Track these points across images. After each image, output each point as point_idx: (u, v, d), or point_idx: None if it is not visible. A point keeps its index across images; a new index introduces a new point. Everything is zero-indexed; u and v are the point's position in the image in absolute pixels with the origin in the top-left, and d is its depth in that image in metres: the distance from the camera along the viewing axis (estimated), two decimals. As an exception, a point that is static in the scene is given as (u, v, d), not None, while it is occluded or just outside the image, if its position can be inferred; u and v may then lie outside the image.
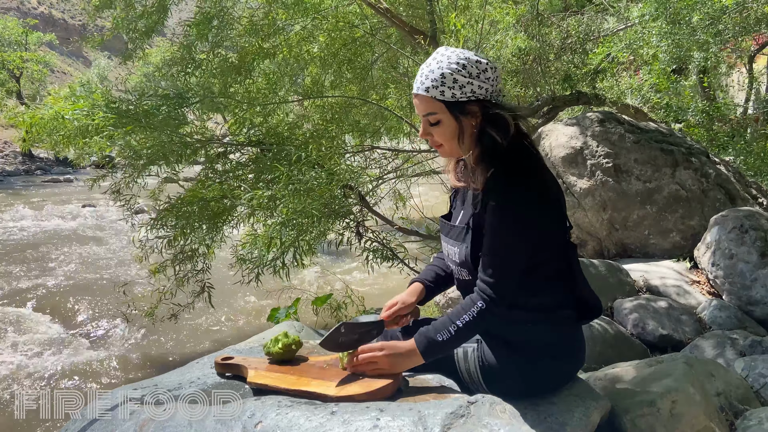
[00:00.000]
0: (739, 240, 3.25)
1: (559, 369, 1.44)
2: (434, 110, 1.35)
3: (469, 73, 1.31)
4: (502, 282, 1.31)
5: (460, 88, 1.31)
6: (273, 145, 4.14)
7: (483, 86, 1.33)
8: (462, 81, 1.31)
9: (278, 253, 3.60)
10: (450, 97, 1.32)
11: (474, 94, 1.32)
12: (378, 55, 6.51)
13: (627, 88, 8.11)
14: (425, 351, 1.36)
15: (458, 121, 1.34)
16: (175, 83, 5.31)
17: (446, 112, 1.34)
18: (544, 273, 1.37)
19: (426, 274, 1.63)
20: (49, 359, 4.96)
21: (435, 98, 1.33)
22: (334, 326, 1.44)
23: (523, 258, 1.32)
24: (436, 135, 1.38)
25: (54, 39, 27.99)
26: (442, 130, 1.37)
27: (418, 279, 1.61)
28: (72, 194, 15.10)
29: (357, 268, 7.26)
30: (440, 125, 1.36)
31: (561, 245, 1.41)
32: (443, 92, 1.32)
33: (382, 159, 6.23)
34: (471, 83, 1.31)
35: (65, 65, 42.90)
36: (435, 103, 1.34)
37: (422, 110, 1.37)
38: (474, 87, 1.32)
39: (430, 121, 1.37)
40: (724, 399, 1.89)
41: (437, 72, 1.32)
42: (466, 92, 1.32)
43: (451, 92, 1.32)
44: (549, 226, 1.35)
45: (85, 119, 3.63)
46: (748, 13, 5.25)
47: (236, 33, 5.41)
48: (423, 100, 1.35)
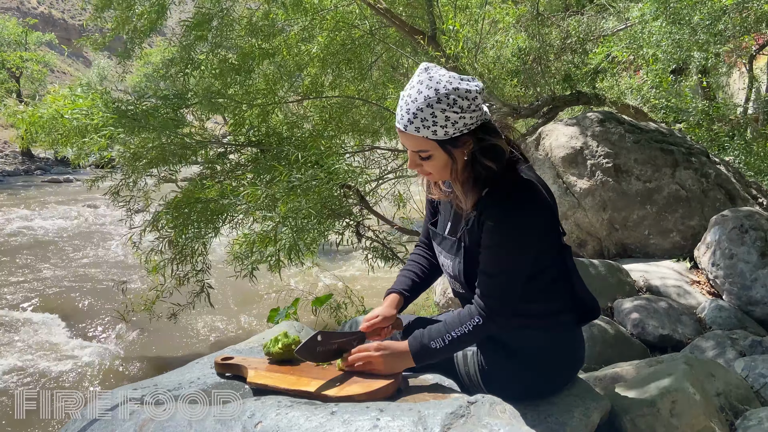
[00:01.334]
0: (739, 240, 3.25)
1: (558, 373, 1.44)
2: (425, 148, 1.29)
3: (460, 108, 1.23)
4: (502, 301, 1.31)
5: (453, 124, 1.24)
6: (272, 145, 4.15)
7: (474, 116, 1.26)
8: (454, 117, 1.23)
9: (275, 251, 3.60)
10: (443, 136, 1.25)
11: (466, 126, 1.26)
12: (378, 55, 6.51)
13: (627, 88, 8.10)
14: (417, 355, 1.36)
15: (451, 155, 1.29)
16: (174, 83, 5.32)
17: (438, 149, 1.28)
18: (542, 280, 1.37)
19: (401, 283, 1.58)
20: (49, 359, 4.96)
21: (427, 138, 1.26)
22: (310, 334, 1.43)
23: (523, 276, 1.32)
24: (426, 167, 1.34)
25: (54, 39, 27.98)
26: (433, 164, 1.32)
27: (395, 290, 1.57)
28: (72, 194, 15.10)
29: (357, 268, 7.26)
30: (431, 159, 1.31)
31: (557, 250, 1.41)
32: (435, 132, 1.24)
33: (382, 159, 6.24)
34: (463, 117, 1.24)
35: (65, 65, 42.89)
36: (426, 142, 1.27)
37: (411, 147, 1.31)
38: (466, 120, 1.25)
39: (421, 156, 1.31)
40: (724, 399, 1.89)
41: (426, 111, 1.22)
42: (459, 127, 1.25)
43: (443, 131, 1.24)
44: (545, 234, 1.34)
45: (84, 119, 3.64)
46: (748, 12, 5.25)
47: (236, 33, 5.41)
48: (412, 138, 1.28)
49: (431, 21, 5.45)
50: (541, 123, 6.37)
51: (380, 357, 1.36)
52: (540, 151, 4.53)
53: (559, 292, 1.41)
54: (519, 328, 1.38)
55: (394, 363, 1.37)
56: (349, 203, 4.31)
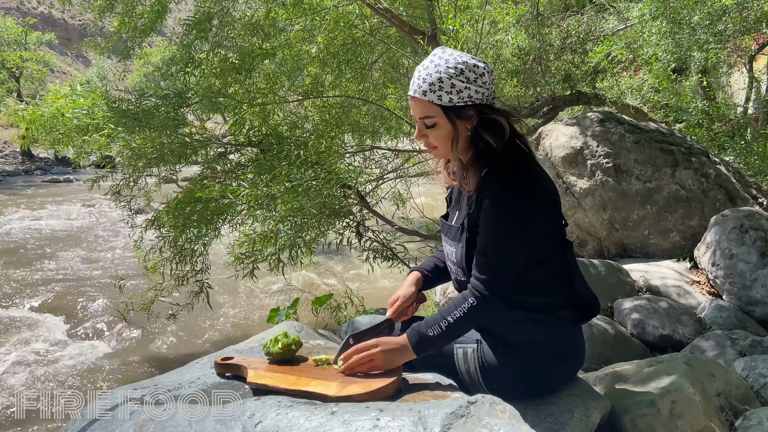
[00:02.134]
0: (739, 240, 3.25)
1: (559, 370, 1.44)
2: (431, 114, 1.35)
3: (466, 78, 1.31)
4: (495, 279, 1.31)
5: (457, 92, 1.32)
6: (272, 145, 4.15)
7: (480, 90, 1.33)
8: (460, 86, 1.31)
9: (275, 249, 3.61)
10: (447, 102, 1.33)
11: (471, 98, 1.33)
12: (378, 55, 6.51)
13: (627, 88, 8.10)
14: (416, 346, 1.36)
15: (454, 125, 1.35)
16: (174, 83, 5.32)
17: (443, 116, 1.35)
18: (543, 272, 1.37)
19: (426, 264, 1.64)
20: (49, 359, 4.96)
21: (432, 102, 1.33)
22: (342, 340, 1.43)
23: (518, 256, 1.32)
24: (431, 137, 1.40)
25: (53, 39, 27.97)
26: (437, 133, 1.38)
27: (417, 268, 1.63)
28: (72, 194, 15.10)
29: (357, 268, 7.26)
30: (436, 128, 1.37)
31: (558, 243, 1.41)
32: (440, 96, 1.32)
33: (382, 159, 6.24)
34: (468, 88, 1.32)
35: (65, 65, 42.90)
36: (432, 107, 1.34)
37: (418, 113, 1.38)
38: (471, 92, 1.32)
39: (426, 124, 1.38)
40: (724, 399, 1.89)
41: (435, 76, 1.32)
42: (463, 97, 1.32)
43: (448, 97, 1.32)
44: (544, 222, 1.35)
45: (85, 118, 3.64)
46: (748, 12, 5.25)
47: (236, 33, 5.41)
48: (419, 103, 1.36)
49: (431, 21, 5.45)
50: (541, 123, 6.38)
51: (380, 353, 1.37)
52: (540, 151, 4.53)
53: (559, 288, 1.41)
54: (519, 322, 1.38)
55: (395, 357, 1.37)
56: (349, 203, 4.31)
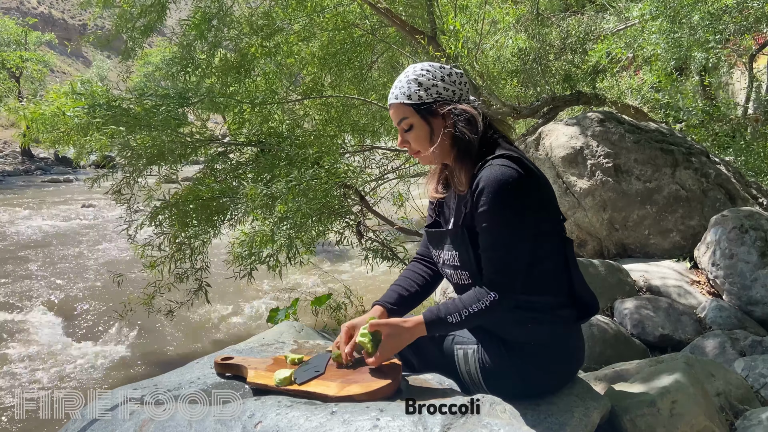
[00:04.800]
0: (739, 240, 3.25)
1: (559, 369, 1.44)
2: (405, 115, 1.41)
3: (433, 76, 1.40)
4: (507, 275, 1.32)
5: (425, 90, 1.39)
6: (272, 144, 4.15)
7: (448, 88, 1.40)
8: (426, 83, 1.39)
9: (273, 250, 3.60)
10: (417, 100, 1.39)
11: (440, 95, 1.39)
12: (378, 54, 6.51)
13: (627, 88, 8.10)
14: (431, 324, 1.36)
15: (428, 122, 1.40)
16: (175, 83, 5.32)
17: (415, 115, 1.40)
18: (543, 269, 1.37)
19: (388, 296, 1.56)
20: (49, 359, 4.96)
21: (403, 103, 1.40)
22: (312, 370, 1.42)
23: (525, 248, 1.32)
24: (411, 141, 1.44)
25: (53, 39, 27.97)
26: (415, 135, 1.42)
27: (379, 302, 1.55)
28: (72, 194, 15.10)
29: (357, 268, 7.26)
30: (413, 130, 1.42)
31: (557, 239, 1.41)
32: (410, 96, 1.40)
33: (382, 159, 6.24)
34: (435, 85, 1.39)
35: (65, 65, 42.90)
36: (404, 108, 1.41)
37: (395, 118, 1.44)
38: (439, 89, 1.39)
39: (403, 128, 1.43)
40: (724, 399, 1.89)
41: (404, 80, 1.42)
42: (432, 93, 1.39)
43: (417, 95, 1.39)
44: (543, 217, 1.36)
45: (86, 116, 3.64)
46: (748, 12, 5.25)
47: (236, 33, 5.41)
48: (393, 107, 1.43)
49: (431, 21, 5.45)
50: (541, 123, 6.37)
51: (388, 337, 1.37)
52: (540, 151, 4.53)
53: (559, 286, 1.41)
54: (519, 322, 1.38)
55: (405, 337, 1.38)
56: (349, 203, 4.31)
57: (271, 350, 1.68)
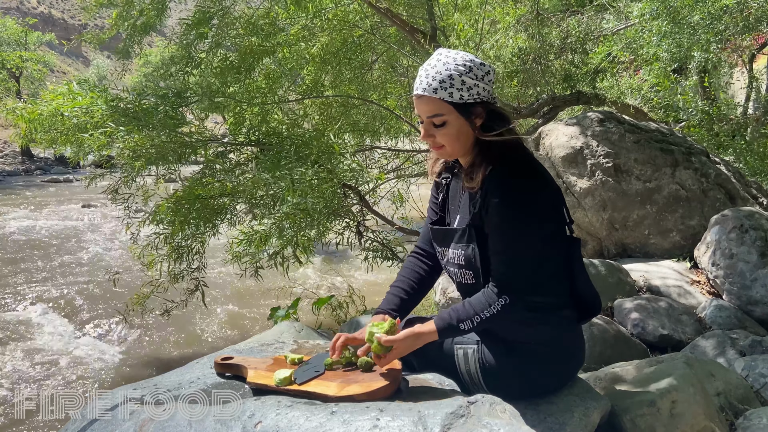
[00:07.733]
0: (739, 240, 3.24)
1: (559, 369, 1.44)
2: (441, 111, 1.34)
3: (475, 75, 1.33)
4: (519, 277, 1.32)
5: (468, 89, 1.32)
6: (272, 144, 4.14)
7: (486, 88, 1.36)
8: (470, 83, 1.32)
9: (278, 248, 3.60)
10: (458, 99, 1.32)
11: (479, 95, 1.34)
12: (378, 54, 6.51)
13: (627, 88, 8.10)
14: (443, 332, 1.37)
15: (464, 121, 1.35)
16: (174, 82, 5.31)
17: (454, 113, 1.34)
18: (548, 270, 1.37)
19: (388, 302, 1.56)
20: (49, 359, 4.96)
21: (443, 100, 1.33)
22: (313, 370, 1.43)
23: (535, 252, 1.32)
24: (439, 136, 1.38)
25: (53, 39, 27.95)
26: (447, 131, 1.36)
27: (380, 309, 1.55)
28: (72, 194, 15.10)
29: (357, 268, 7.26)
30: (446, 126, 1.36)
31: (564, 240, 1.41)
32: (452, 94, 1.32)
33: (382, 159, 6.24)
34: (477, 85, 1.33)
35: (65, 65, 42.89)
36: (443, 105, 1.33)
37: (427, 112, 1.36)
38: (479, 89, 1.34)
39: (434, 123, 1.36)
40: (724, 399, 1.89)
41: (445, 73, 1.31)
42: (473, 94, 1.33)
43: (459, 94, 1.32)
44: (552, 219, 1.36)
45: (84, 116, 3.63)
46: (748, 12, 5.24)
47: (236, 32, 5.41)
48: (429, 101, 1.34)
49: (431, 20, 5.45)
50: (541, 123, 6.37)
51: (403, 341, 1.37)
52: (540, 150, 4.53)
53: (561, 286, 1.41)
54: (522, 322, 1.37)
55: (416, 343, 1.38)
56: (350, 203, 4.31)
57: (271, 350, 1.68)
